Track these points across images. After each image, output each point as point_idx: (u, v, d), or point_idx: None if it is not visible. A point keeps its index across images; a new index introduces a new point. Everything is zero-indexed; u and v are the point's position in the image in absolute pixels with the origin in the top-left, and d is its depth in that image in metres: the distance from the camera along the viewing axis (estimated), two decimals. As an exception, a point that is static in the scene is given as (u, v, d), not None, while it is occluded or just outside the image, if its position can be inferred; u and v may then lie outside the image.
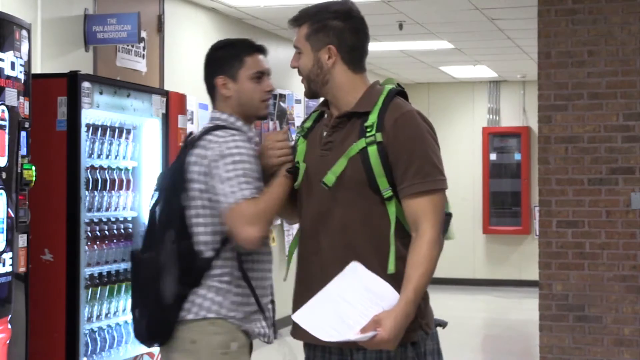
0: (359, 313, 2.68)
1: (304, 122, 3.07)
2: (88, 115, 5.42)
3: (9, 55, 4.56)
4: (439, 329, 2.94)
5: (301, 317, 2.75)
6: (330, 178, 2.80)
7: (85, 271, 5.39)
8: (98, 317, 5.54)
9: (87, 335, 5.42)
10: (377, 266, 2.75)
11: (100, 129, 5.58)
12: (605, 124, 6.60)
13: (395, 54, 11.15)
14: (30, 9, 5.96)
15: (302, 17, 3.00)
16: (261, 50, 3.37)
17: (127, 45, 6.97)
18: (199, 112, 8.13)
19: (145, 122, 5.99)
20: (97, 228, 5.59)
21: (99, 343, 5.52)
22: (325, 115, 2.97)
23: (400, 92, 2.93)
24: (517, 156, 13.66)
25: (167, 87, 7.33)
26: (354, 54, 2.91)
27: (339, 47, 2.88)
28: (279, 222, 9.69)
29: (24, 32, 4.76)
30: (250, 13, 8.75)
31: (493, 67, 12.41)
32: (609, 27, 6.59)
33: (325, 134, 2.91)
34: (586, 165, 6.61)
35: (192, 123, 7.88)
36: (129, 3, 7.01)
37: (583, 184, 6.60)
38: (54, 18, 6.20)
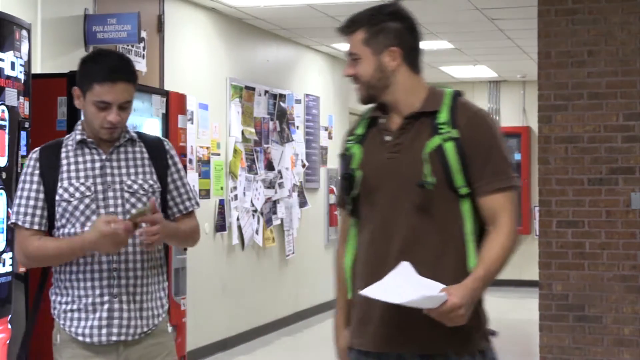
0: (421, 292, 2.64)
1: (354, 128, 2.98)
2: (88, 115, 5.41)
3: (9, 55, 4.56)
4: None
5: (368, 291, 2.67)
6: (431, 178, 2.74)
7: (85, 271, 5.38)
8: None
9: (87, 335, 5.42)
10: (454, 265, 2.75)
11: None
12: (605, 124, 6.60)
13: (395, 54, 11.14)
14: (30, 9, 5.96)
15: (356, 23, 2.90)
16: (117, 79, 3.20)
17: (127, 45, 6.97)
18: (199, 112, 8.13)
19: (145, 122, 5.99)
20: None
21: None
22: (380, 120, 2.89)
23: (460, 94, 2.92)
24: (517, 156, 13.66)
25: (167, 87, 7.33)
26: (414, 54, 2.88)
27: (401, 48, 2.84)
28: (278, 222, 9.70)
29: (24, 32, 4.76)
30: (250, 13, 8.75)
31: (493, 67, 12.41)
32: (609, 27, 6.59)
33: (388, 137, 2.84)
34: (586, 165, 6.61)
35: (192, 123, 7.88)
36: (129, 3, 7.01)
37: (583, 184, 6.60)
38: (54, 18, 6.20)
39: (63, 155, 3.25)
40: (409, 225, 2.77)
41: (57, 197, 3.19)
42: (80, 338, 3.21)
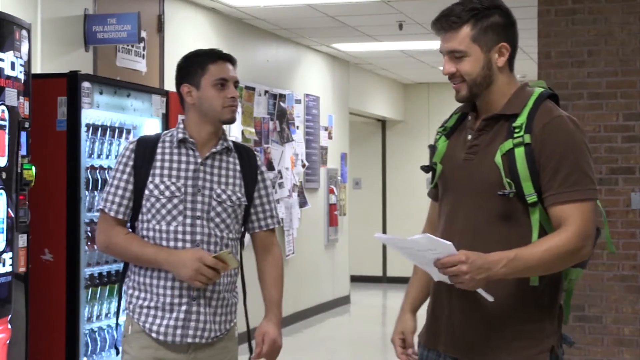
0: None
1: (446, 121, 2.89)
2: (88, 115, 5.42)
3: (9, 55, 4.56)
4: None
5: (381, 236, 2.64)
6: (510, 187, 2.63)
7: (85, 271, 5.39)
8: (98, 317, 5.54)
9: (87, 335, 5.42)
10: (515, 279, 2.62)
11: (100, 129, 5.58)
12: (605, 124, 6.60)
13: (395, 54, 11.15)
14: (30, 9, 5.96)
15: (460, 18, 2.70)
16: (227, 58, 3.35)
17: (127, 45, 6.97)
18: (199, 112, 8.13)
19: (145, 122, 5.99)
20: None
21: (99, 343, 5.52)
22: (469, 118, 2.81)
23: (551, 96, 2.77)
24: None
25: (167, 87, 7.33)
26: (514, 52, 2.76)
27: (510, 44, 2.72)
28: (279, 222, 9.69)
29: (24, 32, 4.76)
30: (250, 13, 8.75)
31: (493, 67, 12.41)
32: (609, 27, 6.59)
33: (470, 137, 2.76)
34: (586, 165, 6.61)
35: (192, 123, 7.88)
36: (129, 3, 7.01)
37: (583, 184, 6.59)
38: (54, 18, 6.20)
39: (159, 150, 3.30)
40: (473, 233, 2.68)
41: (146, 192, 3.25)
42: (154, 335, 3.24)
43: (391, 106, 14.01)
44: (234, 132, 8.74)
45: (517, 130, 2.65)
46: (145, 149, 3.29)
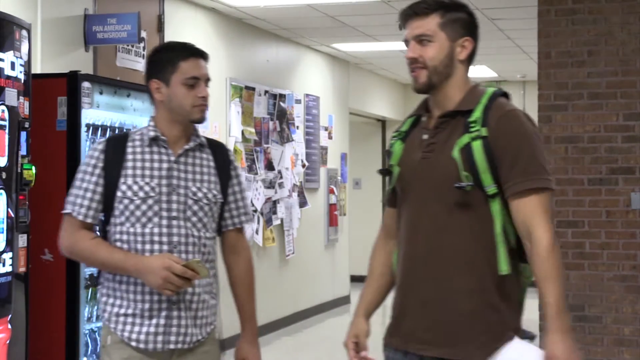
0: None
1: (400, 126, 2.95)
2: (88, 115, 5.41)
3: (9, 55, 4.56)
4: None
5: None
6: (468, 179, 2.68)
7: (85, 271, 5.38)
8: (98, 317, 5.53)
9: (87, 335, 5.42)
10: (486, 267, 2.68)
11: (100, 129, 5.58)
12: (605, 124, 6.60)
13: (395, 54, 11.15)
14: (30, 9, 5.96)
15: (431, 6, 2.78)
16: (199, 54, 3.25)
17: (127, 45, 6.97)
18: (199, 112, 8.13)
19: (145, 122, 5.99)
20: (98, 228, 5.58)
21: (99, 343, 5.52)
22: (423, 119, 2.86)
23: (504, 94, 2.84)
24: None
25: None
26: (475, 51, 2.85)
27: (474, 40, 2.82)
28: (278, 222, 9.69)
29: (24, 32, 4.76)
30: (250, 13, 8.75)
31: (493, 67, 12.41)
32: (609, 27, 6.59)
33: (425, 136, 2.80)
34: (586, 165, 6.61)
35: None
36: (129, 3, 7.01)
37: (583, 184, 6.60)
38: (54, 18, 6.20)
39: (129, 150, 3.16)
40: (437, 228, 2.73)
41: (119, 194, 3.11)
42: (133, 343, 3.11)
43: (391, 106, 14.01)
44: (234, 132, 8.74)
45: (473, 124, 2.71)
46: (115, 149, 3.15)
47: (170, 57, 3.19)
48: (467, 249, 2.70)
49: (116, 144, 3.18)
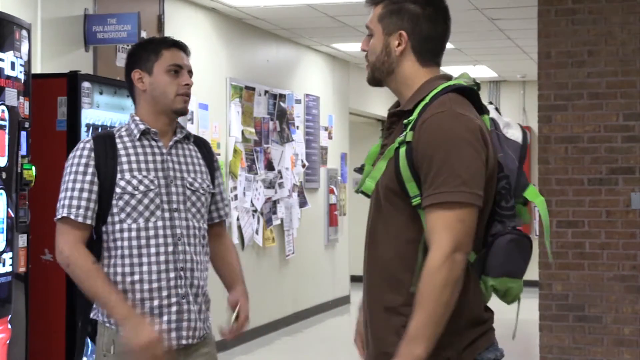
0: None
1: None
2: (88, 115, 5.41)
3: (9, 55, 4.56)
4: None
5: None
6: (369, 185, 2.51)
7: (85, 271, 5.38)
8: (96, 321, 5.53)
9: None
10: (407, 285, 2.45)
11: (100, 129, 5.58)
12: (605, 124, 6.60)
13: (395, 54, 11.15)
14: (30, 9, 5.96)
15: None
16: (181, 47, 3.21)
17: (127, 45, 6.97)
18: (199, 112, 8.13)
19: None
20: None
21: (90, 346, 5.52)
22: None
23: (462, 89, 2.53)
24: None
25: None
26: (426, 44, 2.55)
27: (410, 34, 2.54)
28: (278, 222, 9.69)
29: (24, 32, 4.76)
30: (250, 13, 8.75)
31: (493, 67, 12.41)
32: (609, 27, 6.59)
33: (382, 137, 2.65)
34: (586, 165, 6.61)
35: (192, 123, 7.89)
36: (129, 3, 7.01)
37: (583, 184, 6.60)
38: (54, 18, 6.20)
39: (120, 146, 3.10)
40: (370, 239, 2.56)
41: (118, 190, 3.05)
42: None
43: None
44: (234, 132, 8.74)
45: (405, 127, 2.47)
46: (105, 146, 3.08)
47: (153, 47, 3.17)
48: (393, 265, 2.48)
49: (105, 141, 3.11)
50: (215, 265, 3.36)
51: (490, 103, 2.69)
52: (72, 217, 3.04)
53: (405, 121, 2.49)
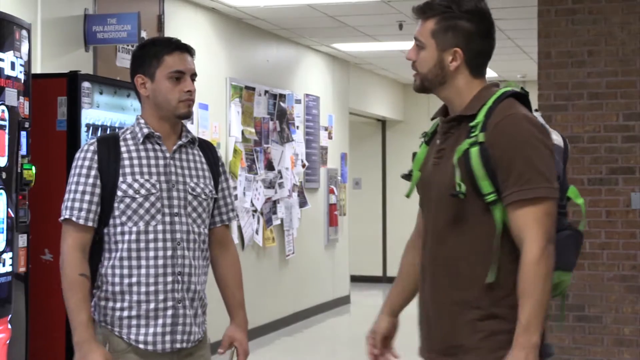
0: None
1: (429, 128, 2.90)
2: (88, 115, 5.42)
3: (9, 55, 4.56)
4: None
5: None
6: (462, 187, 2.59)
7: (85, 271, 5.38)
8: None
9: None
10: (483, 278, 2.59)
11: (100, 129, 5.58)
12: (605, 124, 6.60)
13: (395, 54, 11.15)
14: (30, 9, 5.96)
15: (432, 10, 2.72)
16: (185, 49, 3.19)
17: (127, 45, 6.97)
18: (199, 112, 8.13)
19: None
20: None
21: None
22: (441, 123, 2.79)
23: (516, 95, 2.73)
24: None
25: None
26: (479, 59, 2.74)
27: (465, 51, 2.70)
28: (278, 222, 9.69)
29: (24, 32, 4.76)
30: (250, 13, 8.75)
31: (493, 67, 12.41)
32: (609, 27, 6.59)
33: (438, 141, 2.75)
34: (586, 165, 6.61)
35: (192, 123, 7.89)
36: (129, 3, 7.01)
37: (583, 184, 6.60)
38: (54, 18, 6.20)
39: (123, 149, 3.12)
40: (438, 238, 2.68)
41: (119, 193, 3.06)
42: (141, 346, 3.06)
43: (391, 106, 14.01)
44: (234, 132, 8.74)
45: (473, 130, 2.62)
46: (109, 149, 3.11)
47: (155, 52, 3.14)
48: (469, 259, 2.62)
49: (108, 143, 3.13)
50: (217, 281, 3.36)
51: (536, 110, 2.88)
52: (74, 219, 3.06)
53: (471, 124, 2.63)
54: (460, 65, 2.70)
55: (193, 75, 3.19)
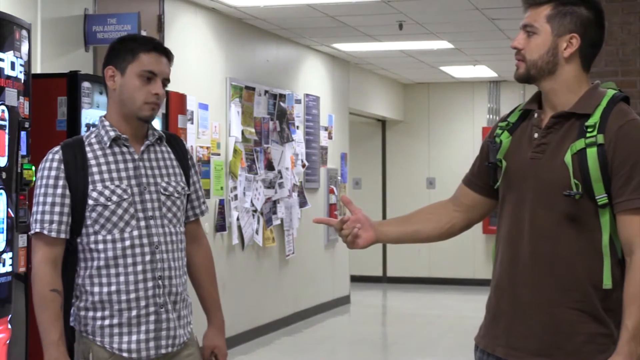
0: None
1: (508, 115, 2.79)
2: (88, 115, 5.42)
3: (9, 55, 4.56)
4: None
5: None
6: (577, 188, 2.54)
7: (85, 271, 5.38)
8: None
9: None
10: (586, 279, 2.56)
11: (100, 129, 5.58)
12: (605, 124, 6.59)
13: (395, 54, 11.15)
14: (30, 9, 5.96)
15: None
16: (163, 51, 3.12)
17: (127, 45, 6.96)
18: (199, 112, 8.13)
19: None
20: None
21: None
22: (535, 115, 2.70)
23: (624, 98, 2.68)
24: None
25: (167, 88, 7.32)
26: (592, 49, 2.69)
27: (582, 39, 2.63)
28: (278, 222, 9.70)
29: (24, 32, 4.76)
30: (250, 13, 8.75)
31: (493, 67, 12.41)
32: (609, 27, 6.53)
33: (536, 135, 2.65)
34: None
35: (192, 123, 7.88)
36: (129, 3, 7.01)
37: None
38: (54, 18, 6.20)
39: (90, 155, 3.03)
40: (542, 234, 2.61)
41: (90, 202, 2.97)
42: (125, 354, 2.99)
43: (391, 106, 14.01)
44: (234, 132, 8.74)
45: (589, 129, 2.56)
46: (75, 156, 3.01)
47: (132, 47, 3.06)
48: (572, 259, 2.58)
49: (74, 150, 3.04)
50: (191, 280, 3.30)
51: None
52: (45, 232, 2.97)
53: (587, 123, 2.57)
54: (574, 53, 2.65)
55: (165, 80, 3.09)
